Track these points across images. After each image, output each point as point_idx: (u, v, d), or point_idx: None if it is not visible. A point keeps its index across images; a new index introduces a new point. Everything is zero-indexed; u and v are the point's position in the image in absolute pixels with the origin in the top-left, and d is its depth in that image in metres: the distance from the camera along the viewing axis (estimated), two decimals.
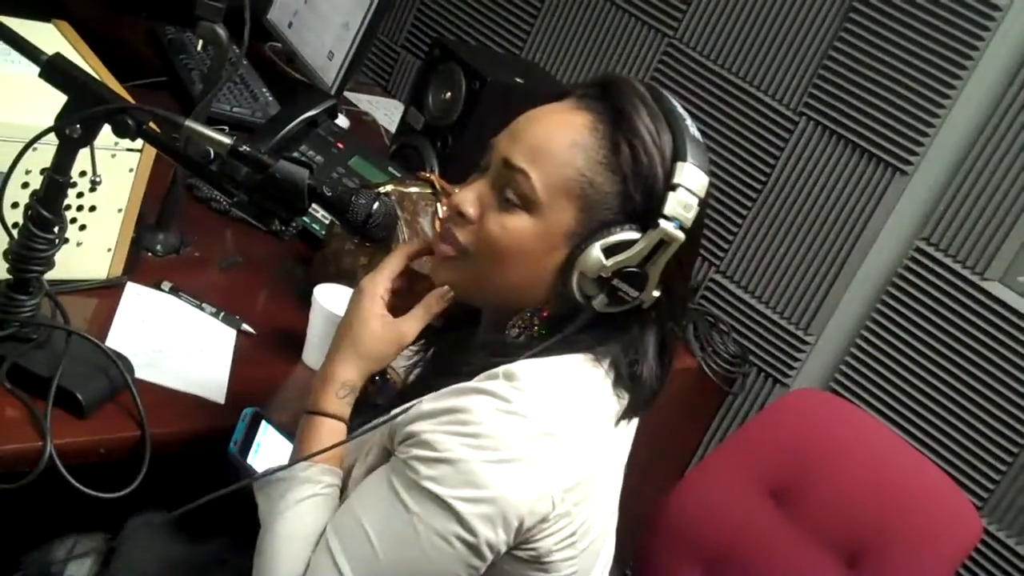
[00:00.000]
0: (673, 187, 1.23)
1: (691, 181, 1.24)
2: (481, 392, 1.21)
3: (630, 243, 1.24)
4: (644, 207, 1.24)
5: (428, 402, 1.24)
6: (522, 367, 1.24)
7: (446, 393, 1.24)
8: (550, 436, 1.21)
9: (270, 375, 1.78)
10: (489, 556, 1.20)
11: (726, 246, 2.66)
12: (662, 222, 1.22)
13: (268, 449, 1.53)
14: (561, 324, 1.28)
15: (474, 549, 1.19)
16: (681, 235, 1.23)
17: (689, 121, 1.28)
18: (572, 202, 1.26)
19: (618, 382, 1.30)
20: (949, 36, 2.31)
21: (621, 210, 1.25)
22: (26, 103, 1.55)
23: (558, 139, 1.27)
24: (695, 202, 1.24)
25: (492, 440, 1.18)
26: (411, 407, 1.26)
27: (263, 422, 1.52)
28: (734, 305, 2.66)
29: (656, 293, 1.26)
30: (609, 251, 1.25)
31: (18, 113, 1.55)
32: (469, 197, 1.31)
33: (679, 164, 1.24)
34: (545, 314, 1.32)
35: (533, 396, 1.22)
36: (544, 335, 1.29)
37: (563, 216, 1.26)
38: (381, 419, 1.30)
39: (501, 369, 1.23)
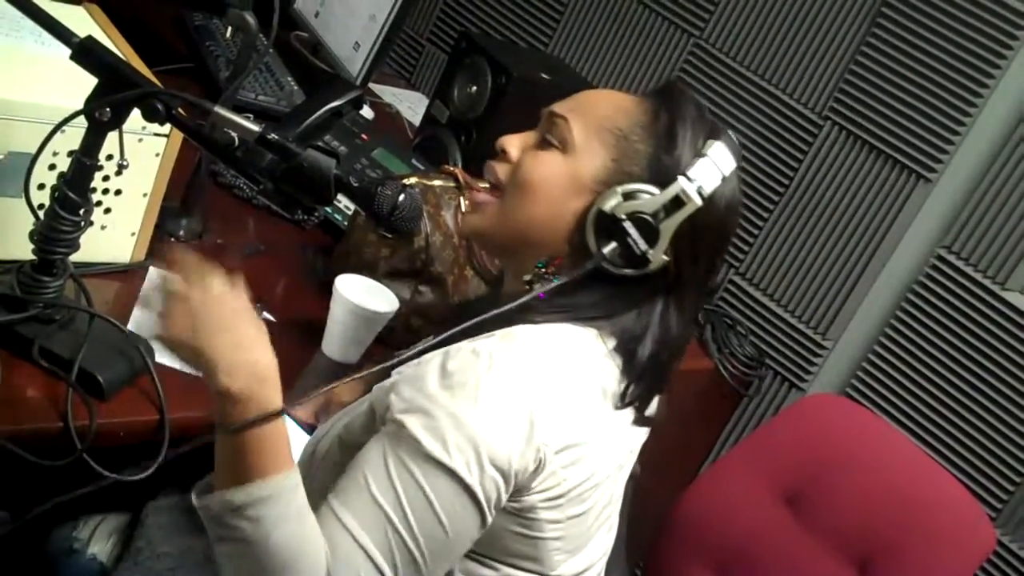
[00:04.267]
0: (701, 154, 1.32)
1: (719, 157, 1.33)
2: (475, 353, 1.23)
3: (649, 194, 1.31)
4: (670, 168, 1.32)
5: (421, 366, 1.25)
6: (520, 329, 1.27)
7: (440, 353, 1.25)
8: (542, 397, 1.23)
9: (289, 364, 1.76)
10: (491, 517, 1.24)
11: (746, 248, 2.65)
12: (681, 179, 1.30)
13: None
14: (571, 282, 1.32)
15: (481, 513, 1.22)
16: (697, 198, 1.30)
17: (735, 137, 1.37)
18: (605, 150, 1.35)
19: (621, 364, 1.33)
20: (977, 44, 2.30)
21: (648, 169, 1.33)
22: (56, 85, 1.55)
23: (605, 101, 1.40)
24: (718, 176, 1.32)
25: (487, 400, 1.20)
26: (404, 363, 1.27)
27: (287, 419, 1.52)
28: (752, 308, 2.65)
29: (664, 257, 1.31)
30: (628, 197, 1.31)
31: (48, 95, 1.55)
32: (513, 139, 1.42)
33: (711, 141, 1.33)
34: (558, 261, 1.36)
35: (525, 357, 1.25)
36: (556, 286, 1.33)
37: (594, 161, 1.35)
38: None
39: (499, 331, 1.26)
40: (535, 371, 1.24)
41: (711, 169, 1.32)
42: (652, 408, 1.44)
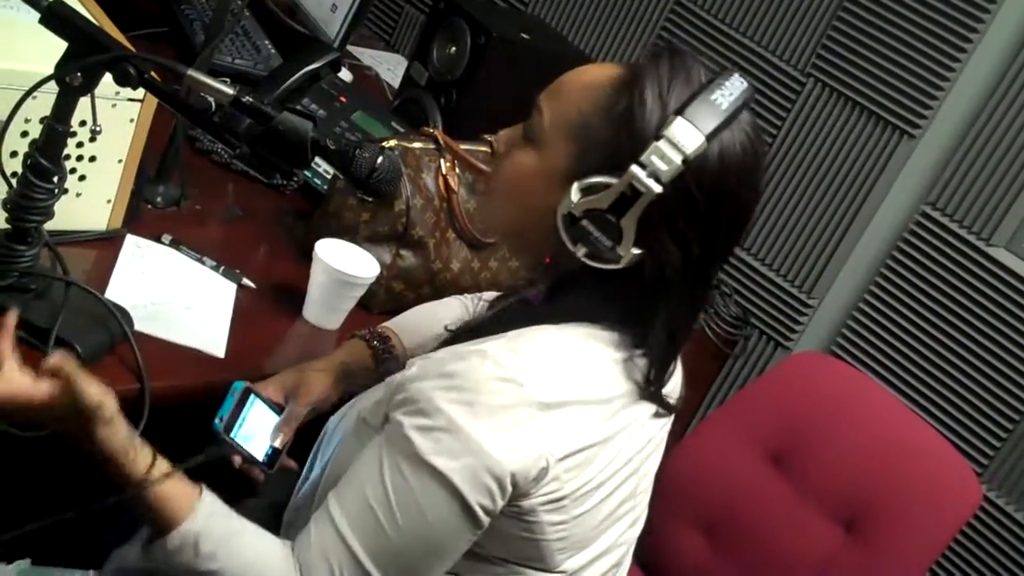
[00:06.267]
0: (658, 136, 1.19)
1: (681, 135, 1.19)
2: (481, 356, 1.20)
3: (604, 186, 1.21)
4: (627, 154, 1.20)
5: (429, 362, 1.23)
6: (529, 332, 1.24)
7: (446, 354, 1.23)
8: (546, 407, 1.20)
9: (270, 329, 1.77)
10: (487, 521, 1.21)
11: None
12: (633, 167, 1.18)
13: (254, 424, 1.52)
14: (561, 279, 1.30)
15: (473, 519, 1.20)
16: (654, 185, 1.18)
17: (725, 95, 1.22)
18: (569, 142, 1.26)
19: (627, 361, 1.29)
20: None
21: (610, 156, 1.22)
22: (26, 50, 1.52)
23: (579, 80, 1.30)
24: (678, 157, 1.18)
25: (488, 407, 1.18)
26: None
27: (252, 396, 1.52)
28: (737, 267, 2.65)
29: (635, 251, 1.21)
30: (586, 192, 1.22)
31: (18, 60, 1.52)
32: (502, 135, 1.35)
33: (676, 118, 1.19)
34: (547, 260, 1.32)
35: (531, 365, 1.21)
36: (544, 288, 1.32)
37: (560, 155, 1.26)
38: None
39: (510, 332, 1.24)
40: (539, 386, 1.20)
41: (669, 151, 1.18)
42: (676, 392, 1.43)
